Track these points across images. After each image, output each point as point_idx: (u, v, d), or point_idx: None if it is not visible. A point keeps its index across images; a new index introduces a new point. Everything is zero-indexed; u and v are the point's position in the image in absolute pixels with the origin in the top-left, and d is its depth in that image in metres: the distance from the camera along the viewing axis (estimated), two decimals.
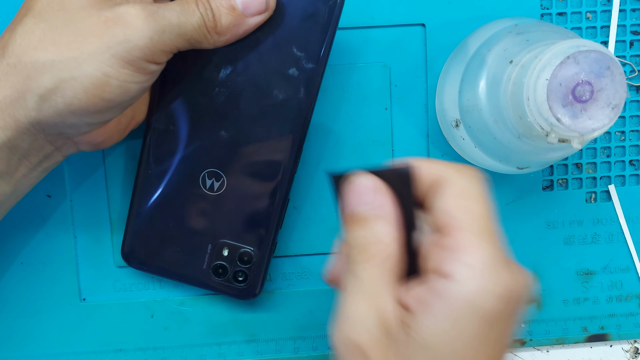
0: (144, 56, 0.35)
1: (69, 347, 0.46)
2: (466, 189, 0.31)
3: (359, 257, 0.31)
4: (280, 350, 0.47)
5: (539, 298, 0.47)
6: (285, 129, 0.41)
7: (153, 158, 0.42)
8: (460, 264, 0.29)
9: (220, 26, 0.37)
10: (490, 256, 0.29)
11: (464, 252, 0.29)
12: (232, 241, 0.43)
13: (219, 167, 0.42)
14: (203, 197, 0.42)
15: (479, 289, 0.29)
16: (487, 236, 0.30)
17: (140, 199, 0.42)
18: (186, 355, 0.46)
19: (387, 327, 0.30)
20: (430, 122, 0.45)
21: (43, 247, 0.45)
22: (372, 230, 0.31)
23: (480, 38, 0.40)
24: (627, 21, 0.45)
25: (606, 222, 0.47)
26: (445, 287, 0.29)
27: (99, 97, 0.35)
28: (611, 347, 0.48)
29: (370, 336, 0.30)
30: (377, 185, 0.31)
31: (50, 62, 0.34)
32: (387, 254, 0.31)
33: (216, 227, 0.42)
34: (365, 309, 0.31)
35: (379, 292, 0.31)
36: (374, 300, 0.31)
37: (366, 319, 0.30)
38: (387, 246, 0.31)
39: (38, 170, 0.38)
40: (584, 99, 0.34)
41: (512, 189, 0.46)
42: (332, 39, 0.39)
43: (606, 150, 0.46)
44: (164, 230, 0.43)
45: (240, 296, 0.44)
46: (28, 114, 0.35)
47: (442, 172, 0.31)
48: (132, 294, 0.46)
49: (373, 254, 0.31)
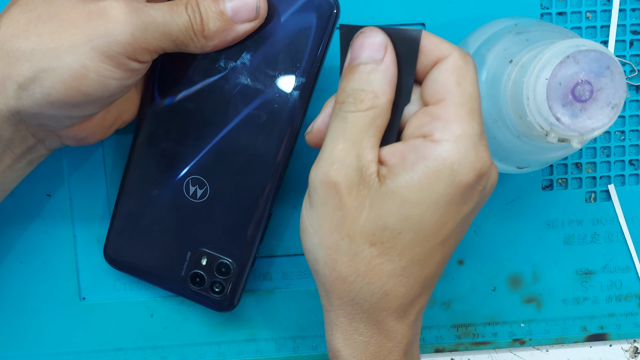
0: (124, 52, 0.35)
1: (69, 346, 0.46)
2: (464, 69, 0.33)
3: (350, 102, 0.33)
4: (280, 349, 0.47)
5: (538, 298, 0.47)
6: (273, 142, 0.40)
7: (140, 161, 0.41)
8: (448, 132, 0.32)
9: (208, 30, 0.37)
10: (476, 133, 0.32)
11: (453, 122, 0.32)
12: (211, 251, 0.42)
13: (203, 175, 0.41)
14: (185, 203, 0.41)
15: (461, 157, 0.32)
16: (475, 115, 0.32)
17: (124, 202, 0.42)
18: (186, 354, 0.46)
19: (364, 174, 0.33)
20: None
21: (43, 246, 0.45)
22: (370, 81, 0.33)
23: (480, 38, 0.40)
24: (627, 21, 0.45)
25: (606, 221, 0.47)
26: (430, 149, 0.32)
27: (77, 89, 0.34)
28: (611, 347, 0.48)
29: (347, 177, 0.33)
30: (385, 43, 0.33)
31: (31, 50, 0.34)
32: (377, 106, 0.33)
33: (196, 235, 0.42)
34: (346, 151, 0.33)
35: (361, 139, 0.33)
36: (356, 145, 0.33)
37: (346, 160, 0.33)
38: (379, 99, 0.33)
39: (23, 162, 0.38)
40: (584, 99, 0.34)
41: (512, 188, 0.46)
42: (324, 52, 0.39)
43: (606, 150, 0.46)
44: (146, 234, 0.42)
45: (215, 307, 0.43)
46: (7, 102, 0.35)
47: (445, 50, 0.33)
48: (132, 293, 0.46)
49: (364, 101, 0.33)
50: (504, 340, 0.47)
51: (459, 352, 0.47)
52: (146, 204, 0.42)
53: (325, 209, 0.33)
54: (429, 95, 0.33)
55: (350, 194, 0.33)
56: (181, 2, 0.36)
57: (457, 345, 0.47)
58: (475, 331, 0.47)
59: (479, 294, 0.47)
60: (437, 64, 0.33)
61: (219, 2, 0.36)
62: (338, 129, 0.33)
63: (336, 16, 0.38)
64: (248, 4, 0.37)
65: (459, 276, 0.46)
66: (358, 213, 0.33)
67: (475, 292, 0.47)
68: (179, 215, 0.42)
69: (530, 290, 0.47)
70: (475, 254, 0.46)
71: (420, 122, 0.33)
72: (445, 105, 0.32)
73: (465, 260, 0.46)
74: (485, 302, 0.47)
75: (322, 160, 0.34)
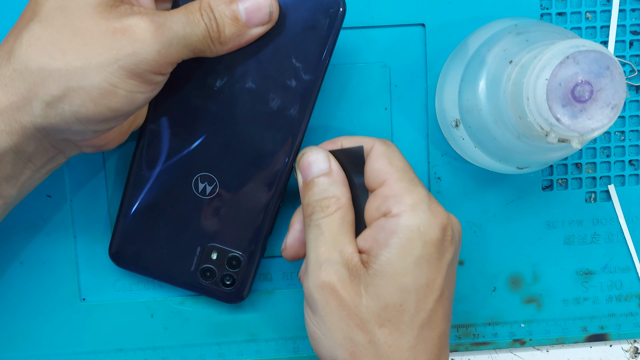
0: (151, 69, 0.35)
1: (69, 347, 0.46)
2: (389, 151, 0.38)
3: (318, 211, 0.37)
4: (281, 350, 0.47)
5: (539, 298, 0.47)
6: (280, 137, 0.41)
7: (146, 159, 0.42)
8: (402, 204, 0.36)
9: (224, 36, 0.37)
10: (424, 196, 0.37)
11: (402, 195, 0.37)
12: (221, 245, 0.43)
13: (212, 172, 0.41)
14: (194, 199, 0.42)
15: (422, 220, 0.36)
16: (416, 182, 0.37)
17: (130, 200, 0.42)
18: (186, 354, 0.46)
19: (351, 266, 0.36)
20: (430, 122, 0.45)
21: (43, 247, 0.45)
22: (327, 189, 0.38)
23: (480, 38, 0.40)
24: (626, 21, 0.45)
25: (606, 222, 0.47)
26: (394, 223, 0.36)
27: (106, 106, 0.35)
28: (611, 347, 0.48)
29: (337, 274, 0.36)
30: (326, 155, 0.39)
31: (58, 70, 0.34)
32: (341, 206, 0.37)
33: (206, 230, 0.42)
34: (329, 252, 0.37)
35: (339, 238, 0.37)
36: (336, 245, 0.37)
37: (331, 260, 0.36)
38: (341, 200, 0.38)
39: (42, 172, 0.38)
40: (584, 99, 0.34)
41: (512, 188, 0.46)
42: (331, 50, 0.39)
43: (606, 150, 0.46)
44: (154, 231, 0.43)
45: (227, 299, 0.44)
46: (34, 120, 0.35)
47: (367, 143, 0.39)
48: (132, 294, 0.46)
49: (330, 206, 0.37)
50: (504, 341, 0.47)
51: (459, 352, 0.47)
52: (153, 202, 0.42)
53: (328, 311, 0.36)
54: (372, 182, 0.38)
55: (345, 289, 0.36)
56: (195, 9, 0.36)
57: (457, 346, 0.47)
58: (476, 331, 0.47)
59: (479, 294, 0.47)
60: (368, 157, 0.38)
61: (232, 4, 0.37)
62: (316, 236, 0.37)
63: (343, 14, 0.39)
64: (262, 8, 0.37)
65: (459, 276, 0.46)
66: (358, 302, 0.36)
67: (475, 292, 0.47)
68: (188, 212, 0.42)
69: (530, 290, 0.47)
70: (475, 254, 0.46)
71: (376, 206, 0.37)
72: (389, 184, 0.37)
73: (465, 260, 0.46)
74: (486, 302, 0.47)
75: (310, 267, 0.37)
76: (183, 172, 0.42)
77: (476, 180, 0.46)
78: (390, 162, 0.38)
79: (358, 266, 0.36)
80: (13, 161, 0.36)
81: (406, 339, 0.36)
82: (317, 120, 0.45)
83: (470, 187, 0.46)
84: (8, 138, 0.35)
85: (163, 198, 0.42)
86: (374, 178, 0.38)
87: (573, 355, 0.48)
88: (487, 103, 0.38)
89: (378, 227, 0.37)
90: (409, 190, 0.37)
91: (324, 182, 0.38)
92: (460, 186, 0.46)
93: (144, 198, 0.42)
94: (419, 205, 0.36)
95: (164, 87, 0.40)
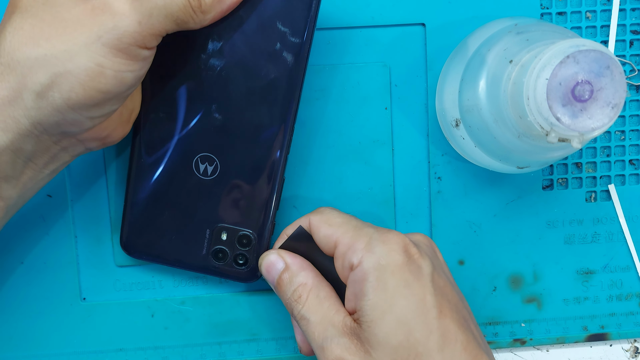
0: (134, 42, 0.35)
1: (70, 346, 0.46)
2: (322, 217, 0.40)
3: (295, 304, 0.39)
4: (281, 349, 0.47)
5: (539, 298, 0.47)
6: (276, 107, 0.40)
7: (145, 146, 0.42)
8: (356, 252, 0.38)
9: (205, 4, 0.37)
10: (372, 233, 0.38)
11: (352, 245, 0.38)
12: (230, 225, 0.42)
13: (212, 151, 0.41)
14: (197, 182, 0.42)
15: (379, 254, 0.37)
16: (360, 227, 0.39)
17: (135, 188, 0.42)
18: (187, 354, 0.46)
19: (348, 331, 0.37)
20: (430, 122, 0.45)
21: (43, 246, 0.45)
22: (293, 282, 0.40)
23: (480, 38, 0.40)
24: (627, 20, 0.45)
25: (606, 221, 0.47)
26: (360, 271, 0.37)
27: (96, 89, 0.34)
28: (611, 347, 0.48)
29: (341, 346, 0.37)
30: (277, 254, 0.41)
31: (43, 56, 0.34)
32: (310, 288, 0.39)
33: (213, 212, 0.42)
34: (323, 331, 0.38)
35: (324, 314, 0.38)
36: (325, 321, 0.38)
37: (328, 337, 0.38)
38: (306, 284, 0.39)
39: (45, 172, 0.38)
40: (584, 99, 0.34)
41: (512, 188, 0.46)
42: (316, 12, 0.39)
43: (606, 150, 0.46)
44: (161, 218, 0.42)
45: (242, 279, 0.44)
46: (27, 113, 0.35)
47: (303, 221, 0.41)
48: (133, 294, 0.46)
49: (302, 294, 0.39)
50: (505, 340, 0.47)
51: None
52: (157, 188, 0.42)
53: None
54: (328, 248, 0.39)
55: (352, 354, 0.37)
56: None
57: None
58: None
59: (479, 294, 0.47)
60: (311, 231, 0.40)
61: None
62: (306, 326, 0.39)
63: None
64: None
65: (459, 276, 0.46)
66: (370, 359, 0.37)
67: (475, 292, 0.47)
68: (192, 194, 0.42)
69: (530, 290, 0.47)
70: (475, 254, 0.46)
71: (341, 265, 0.39)
72: (340, 242, 0.39)
73: (465, 260, 0.46)
74: (486, 302, 0.47)
75: (317, 354, 0.38)
76: (182, 154, 0.41)
77: (476, 180, 0.46)
78: (329, 225, 0.39)
79: (354, 327, 0.37)
80: (12, 160, 0.36)
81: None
82: (317, 121, 0.45)
83: (471, 186, 0.46)
84: (3, 135, 0.35)
85: (166, 183, 0.42)
86: (326, 245, 0.39)
87: (573, 355, 0.48)
88: (487, 103, 0.38)
89: (351, 282, 0.38)
90: (356, 237, 0.38)
91: (286, 278, 0.40)
92: (460, 186, 0.46)
93: (148, 185, 0.42)
94: (371, 243, 0.38)
95: (154, 69, 0.40)
